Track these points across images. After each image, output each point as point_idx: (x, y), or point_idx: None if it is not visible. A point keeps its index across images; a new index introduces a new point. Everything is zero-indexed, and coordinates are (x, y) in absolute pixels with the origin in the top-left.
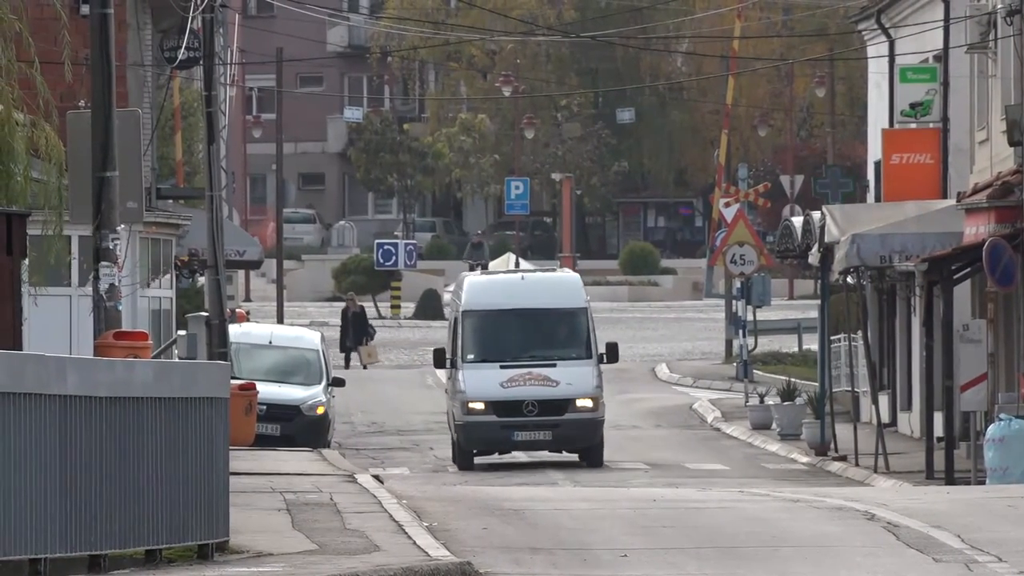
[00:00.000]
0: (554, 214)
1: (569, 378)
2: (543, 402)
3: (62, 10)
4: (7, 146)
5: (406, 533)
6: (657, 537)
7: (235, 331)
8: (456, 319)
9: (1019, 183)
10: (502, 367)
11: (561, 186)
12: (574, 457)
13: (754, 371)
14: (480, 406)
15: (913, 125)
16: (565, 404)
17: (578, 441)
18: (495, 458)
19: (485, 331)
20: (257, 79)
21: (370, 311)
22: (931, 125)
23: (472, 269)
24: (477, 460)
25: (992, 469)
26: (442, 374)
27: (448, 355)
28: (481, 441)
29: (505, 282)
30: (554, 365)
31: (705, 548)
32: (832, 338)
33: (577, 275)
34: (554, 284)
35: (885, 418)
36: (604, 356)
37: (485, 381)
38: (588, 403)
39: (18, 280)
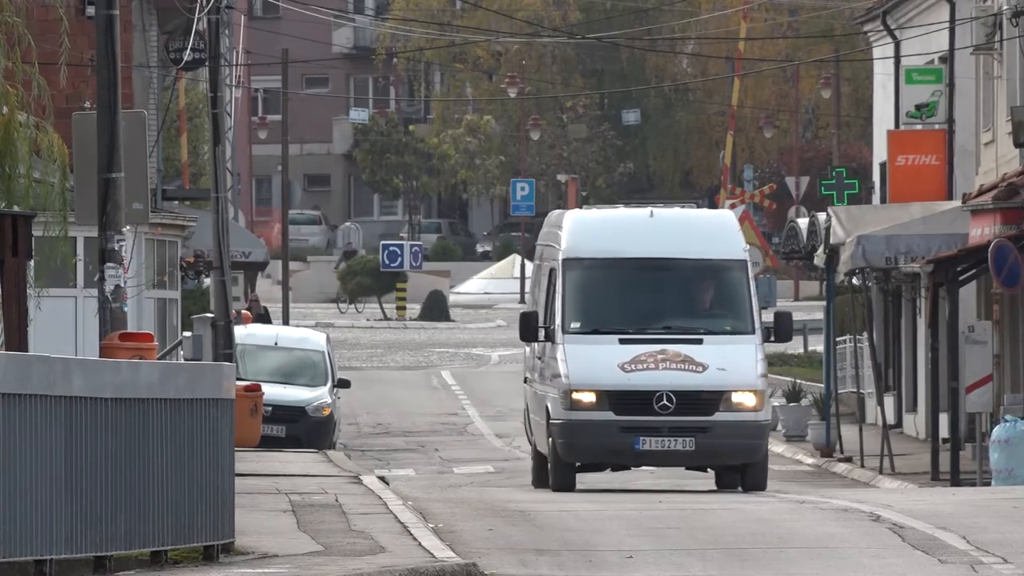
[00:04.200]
0: None
1: (722, 360)
2: (684, 395)
3: (67, 13)
4: (11, 148)
5: (411, 534)
6: (663, 538)
7: (240, 332)
8: (551, 271)
9: None
10: (622, 341)
11: (567, 187)
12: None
13: None
14: (590, 398)
15: (919, 126)
16: (716, 399)
17: (734, 454)
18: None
19: (598, 290)
20: (263, 80)
21: (375, 312)
22: (937, 126)
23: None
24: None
25: (997, 471)
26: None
27: (541, 323)
28: (590, 450)
29: (626, 221)
30: (700, 341)
31: (711, 549)
32: (837, 339)
33: (731, 213)
34: (699, 224)
35: (890, 419)
36: (771, 332)
37: (597, 362)
38: (750, 398)
39: (23, 281)
